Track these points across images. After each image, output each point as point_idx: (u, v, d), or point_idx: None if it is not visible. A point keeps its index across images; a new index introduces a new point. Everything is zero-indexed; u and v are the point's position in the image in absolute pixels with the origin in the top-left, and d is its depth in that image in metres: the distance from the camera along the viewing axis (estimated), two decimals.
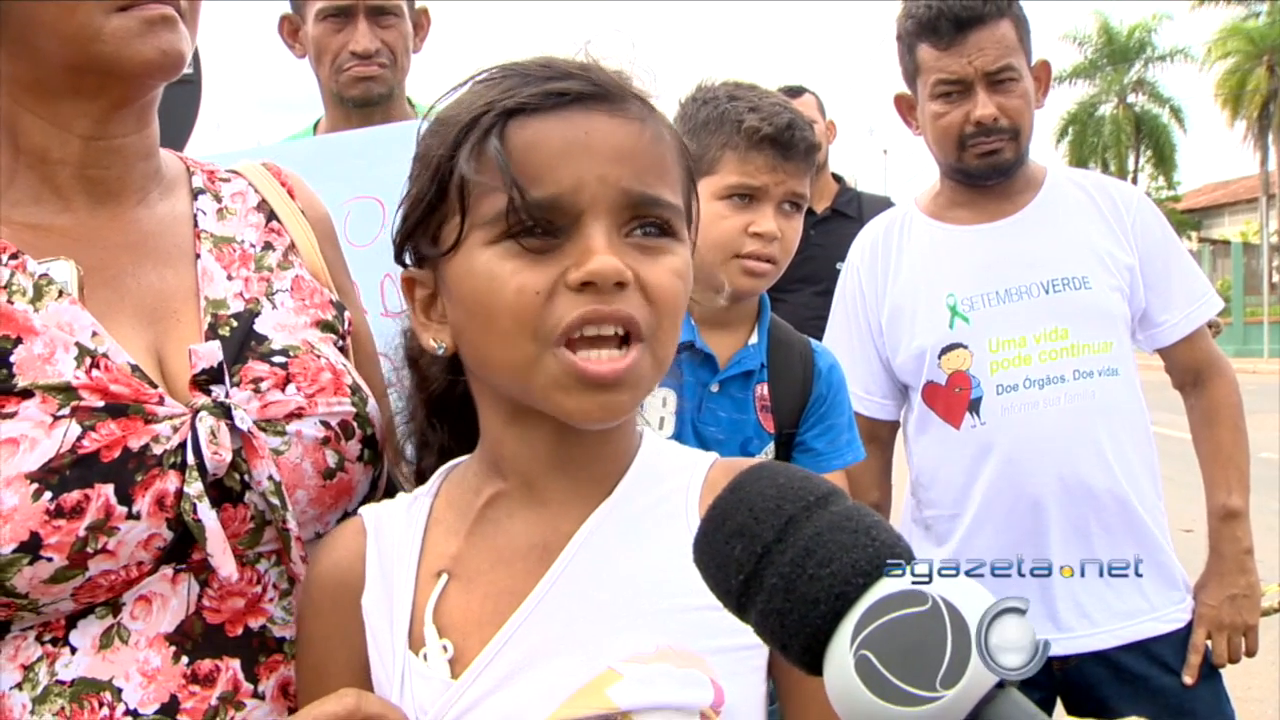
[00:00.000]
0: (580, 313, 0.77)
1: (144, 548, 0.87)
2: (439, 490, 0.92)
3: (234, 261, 1.04)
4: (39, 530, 0.83)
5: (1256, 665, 1.94)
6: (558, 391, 0.79)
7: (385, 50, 2.10)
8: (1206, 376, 2.02)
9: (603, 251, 0.77)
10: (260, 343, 0.99)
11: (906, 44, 1.93)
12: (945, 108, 1.88)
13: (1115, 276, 1.90)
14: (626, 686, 0.78)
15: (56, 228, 0.96)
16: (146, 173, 1.03)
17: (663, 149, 0.84)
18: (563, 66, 0.83)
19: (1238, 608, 1.91)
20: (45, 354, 0.88)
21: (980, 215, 1.96)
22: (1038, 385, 1.85)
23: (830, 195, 3.77)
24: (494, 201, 0.79)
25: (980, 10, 1.82)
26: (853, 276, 2.06)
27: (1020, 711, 0.52)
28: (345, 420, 0.99)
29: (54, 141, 0.96)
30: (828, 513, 0.59)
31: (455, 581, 0.85)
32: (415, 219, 0.86)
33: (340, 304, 1.10)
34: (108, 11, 0.90)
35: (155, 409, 0.89)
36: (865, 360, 2.02)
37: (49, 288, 0.91)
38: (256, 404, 0.94)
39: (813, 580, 0.56)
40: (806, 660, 0.57)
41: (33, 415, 0.85)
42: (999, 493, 1.86)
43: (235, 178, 1.12)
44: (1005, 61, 1.83)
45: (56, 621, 0.88)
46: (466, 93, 0.86)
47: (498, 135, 0.79)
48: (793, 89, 3.88)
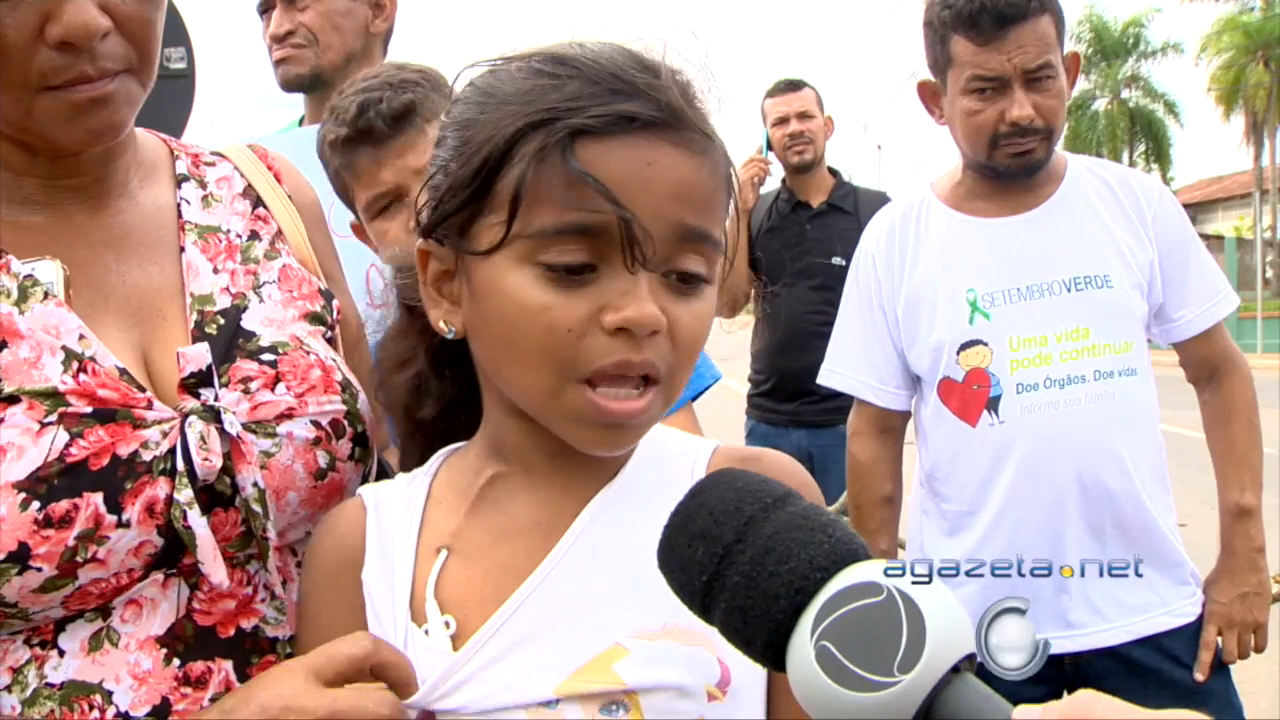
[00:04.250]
0: (613, 361, 0.76)
1: (134, 555, 0.86)
2: (438, 471, 0.92)
3: (220, 253, 1.02)
4: (27, 540, 0.81)
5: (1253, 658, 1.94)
6: (572, 424, 0.79)
7: (304, 31, 2.04)
8: (1222, 372, 2.00)
9: (644, 298, 0.76)
10: (248, 340, 0.97)
11: (939, 33, 1.86)
12: (980, 104, 1.83)
13: (1135, 274, 1.88)
14: (633, 662, 0.78)
15: (37, 225, 0.94)
16: (124, 165, 1.00)
17: (717, 183, 0.81)
18: (635, 81, 0.78)
19: (1249, 605, 1.90)
20: (31, 358, 0.86)
21: (1001, 208, 1.92)
22: (1058, 385, 1.83)
23: (827, 190, 3.77)
24: (546, 216, 0.76)
25: (1024, 6, 1.75)
26: (867, 263, 2.02)
27: (976, 694, 0.53)
28: (336, 419, 0.98)
29: (21, 160, 0.93)
30: (785, 513, 0.61)
31: (455, 557, 0.85)
32: (451, 206, 0.81)
33: (328, 292, 1.09)
34: (34, 90, 0.86)
35: (144, 414, 0.88)
36: (880, 349, 1.99)
37: (34, 289, 0.89)
38: (246, 405, 0.93)
39: (772, 577, 0.58)
40: (770, 656, 0.58)
41: (20, 422, 0.83)
42: (1018, 492, 1.84)
43: (220, 161, 1.09)
44: (1045, 59, 1.78)
45: (45, 625, 0.87)
46: (524, 78, 0.80)
47: (564, 152, 0.75)
48: (793, 82, 3.87)
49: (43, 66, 0.85)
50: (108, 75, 0.88)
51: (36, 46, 0.84)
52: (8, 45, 0.83)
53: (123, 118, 0.92)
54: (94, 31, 0.85)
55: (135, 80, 0.91)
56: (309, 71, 2.06)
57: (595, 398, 0.77)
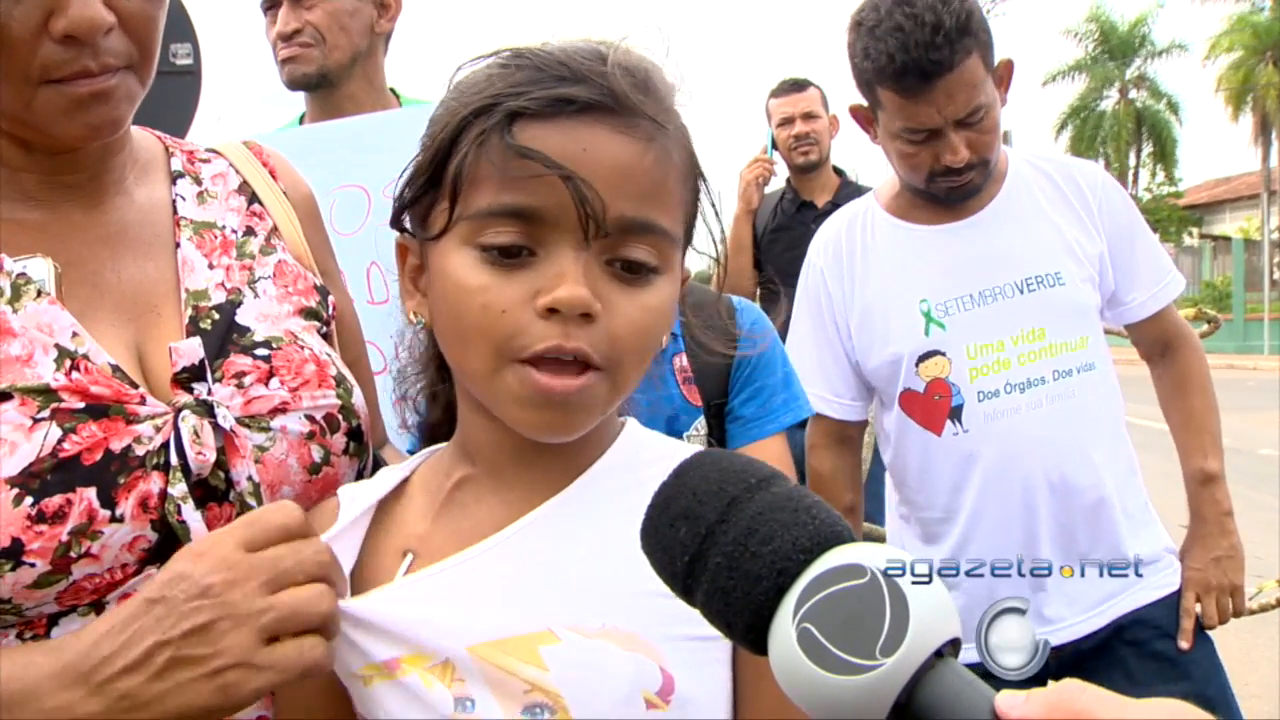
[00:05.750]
0: (544, 346, 0.76)
1: (128, 550, 0.86)
2: (415, 470, 0.92)
3: (215, 249, 1.02)
4: (20, 536, 0.81)
5: (1256, 661, 1.95)
6: (514, 405, 0.79)
7: (311, 29, 2.04)
8: (1174, 346, 2.02)
9: (574, 280, 0.76)
10: (242, 335, 0.97)
11: (864, 79, 1.82)
12: (913, 149, 1.81)
13: (1086, 267, 1.88)
14: (560, 651, 0.77)
15: (32, 222, 0.94)
16: (120, 163, 1.01)
17: (665, 171, 0.80)
18: (580, 68, 0.79)
19: (1223, 569, 1.91)
20: (24, 356, 0.87)
21: (945, 215, 1.90)
22: (1019, 389, 1.83)
23: (832, 190, 3.77)
24: (483, 198, 0.78)
25: (948, 60, 1.68)
26: (815, 275, 2.01)
27: (958, 679, 0.53)
28: (330, 413, 0.98)
29: (17, 156, 0.93)
30: (769, 493, 0.60)
31: (419, 561, 0.85)
32: (412, 194, 0.85)
33: (324, 288, 1.09)
34: (36, 83, 0.87)
35: (137, 409, 0.88)
36: (834, 362, 1.99)
37: (27, 287, 0.89)
38: (240, 400, 0.93)
39: (755, 558, 0.57)
40: (751, 638, 0.58)
41: (12, 418, 0.83)
42: (989, 498, 1.85)
43: (215, 158, 1.10)
44: (975, 104, 1.74)
45: (39, 620, 0.87)
46: (484, 70, 0.83)
47: (502, 133, 0.77)
48: (797, 82, 3.86)
49: (45, 60, 0.85)
50: (109, 70, 0.88)
51: (40, 39, 0.85)
52: (11, 38, 0.84)
53: (122, 114, 0.92)
54: (98, 26, 0.86)
55: (135, 77, 0.92)
56: (316, 71, 2.06)
57: (533, 374, 0.77)
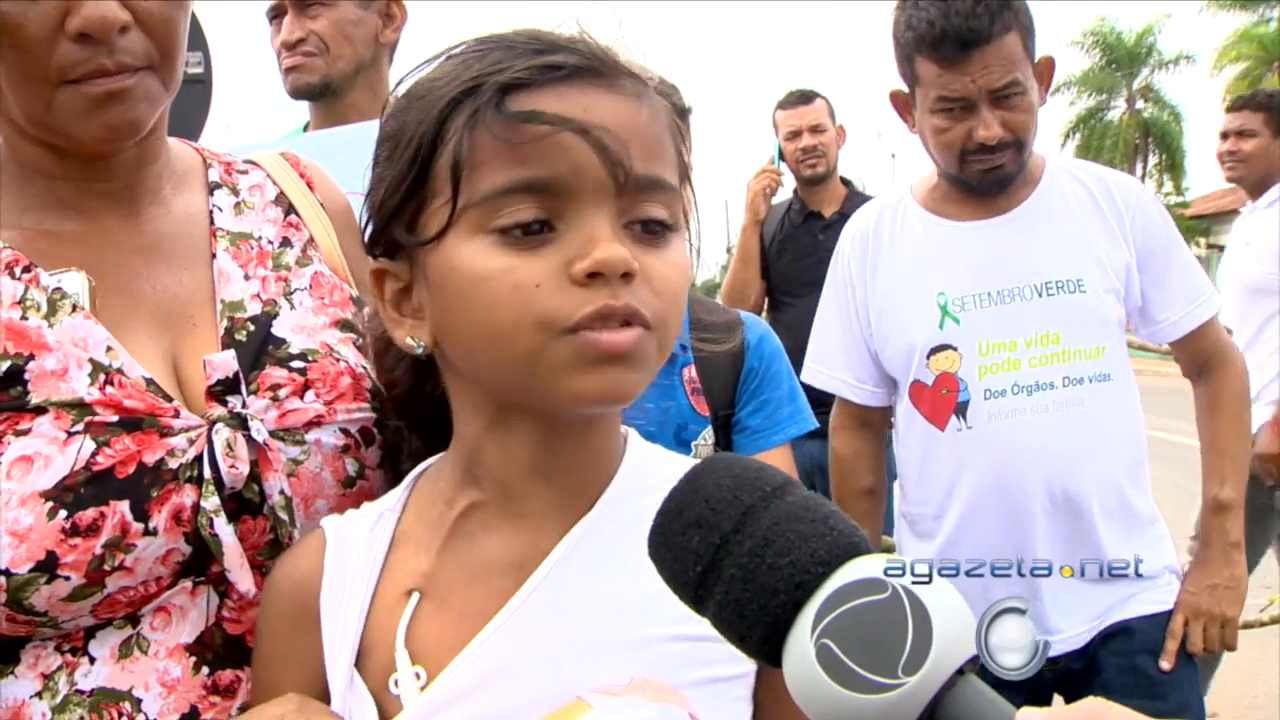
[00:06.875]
0: (595, 308, 0.72)
1: (162, 563, 0.87)
2: (407, 502, 0.86)
3: (251, 259, 1.02)
4: (55, 549, 0.82)
5: (1260, 673, 1.95)
6: (572, 373, 0.73)
7: (315, 39, 2.04)
8: (1211, 367, 2.00)
9: (608, 240, 0.72)
10: (278, 347, 0.97)
11: (904, 52, 1.87)
12: (947, 123, 1.83)
13: (1110, 278, 1.88)
14: (596, 718, 0.74)
15: (68, 233, 0.95)
16: (156, 172, 1.01)
17: (661, 127, 0.78)
18: (551, 39, 0.77)
19: (1218, 597, 1.90)
20: (59, 370, 0.87)
21: (976, 211, 1.92)
22: (1026, 392, 1.83)
23: (839, 200, 3.77)
24: (491, 178, 0.73)
25: (986, 30, 1.73)
26: (843, 264, 2.03)
27: (980, 697, 0.52)
28: (365, 427, 0.98)
29: (52, 163, 0.94)
30: (785, 503, 0.58)
31: (428, 601, 0.80)
32: (393, 205, 0.79)
33: (360, 300, 1.08)
34: (55, 84, 0.87)
35: (170, 422, 0.89)
36: (856, 349, 2.00)
37: (62, 302, 0.90)
38: (274, 413, 0.93)
39: (772, 570, 0.55)
40: (765, 651, 0.56)
41: (46, 432, 0.84)
42: (983, 499, 1.85)
43: (253, 169, 1.10)
44: (1011, 77, 1.77)
45: (76, 633, 0.88)
46: (442, 67, 0.79)
47: (498, 107, 0.73)
48: (804, 94, 3.88)
49: (62, 59, 0.86)
50: (126, 70, 0.88)
51: (57, 40, 0.85)
52: (29, 39, 0.85)
53: (141, 114, 0.91)
54: (111, 23, 0.86)
55: (156, 78, 0.91)
56: (319, 80, 2.06)
57: (587, 334, 0.72)
